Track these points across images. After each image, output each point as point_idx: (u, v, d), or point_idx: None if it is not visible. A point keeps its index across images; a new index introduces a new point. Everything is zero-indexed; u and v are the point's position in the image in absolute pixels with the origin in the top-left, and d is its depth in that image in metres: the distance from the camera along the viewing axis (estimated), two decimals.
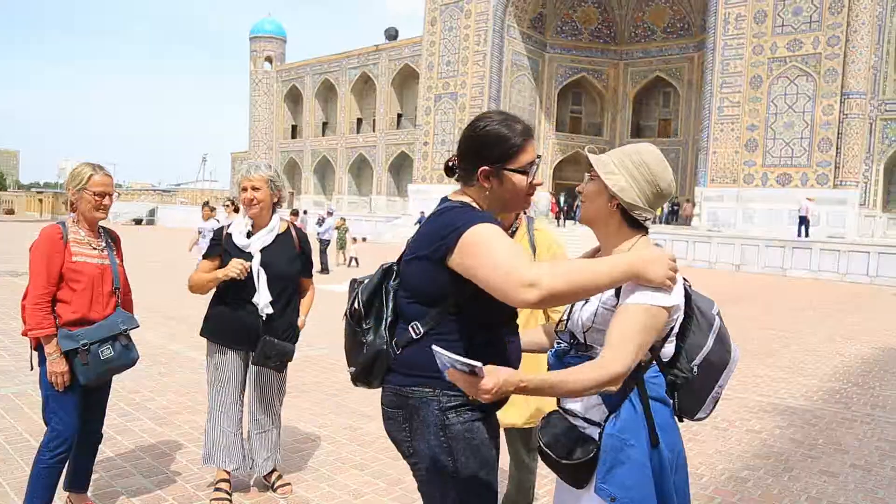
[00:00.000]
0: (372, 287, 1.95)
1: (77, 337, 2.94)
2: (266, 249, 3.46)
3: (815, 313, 13.05)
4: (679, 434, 1.85)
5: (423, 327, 1.82)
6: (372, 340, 1.90)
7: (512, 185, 1.87)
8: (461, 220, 1.76)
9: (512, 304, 1.67)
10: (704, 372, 1.81)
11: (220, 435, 3.51)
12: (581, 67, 38.72)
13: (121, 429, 4.63)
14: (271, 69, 52.51)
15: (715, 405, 1.89)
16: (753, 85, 27.13)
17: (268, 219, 3.52)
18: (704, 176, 28.61)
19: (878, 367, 8.00)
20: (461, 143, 1.92)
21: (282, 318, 3.49)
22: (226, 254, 3.47)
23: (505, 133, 1.84)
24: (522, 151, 1.86)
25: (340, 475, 4.00)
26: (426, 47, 38.01)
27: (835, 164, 25.48)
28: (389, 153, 44.20)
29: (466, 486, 1.81)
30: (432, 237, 1.80)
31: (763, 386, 6.79)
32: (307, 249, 3.67)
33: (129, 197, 62.98)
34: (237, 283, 3.37)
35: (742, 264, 23.23)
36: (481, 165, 1.85)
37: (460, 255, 1.72)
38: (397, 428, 1.88)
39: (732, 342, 1.86)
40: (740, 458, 4.61)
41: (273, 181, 3.48)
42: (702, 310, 1.81)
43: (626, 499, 1.69)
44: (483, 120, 1.89)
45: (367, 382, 1.96)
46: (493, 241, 1.70)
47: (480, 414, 1.86)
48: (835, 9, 25.24)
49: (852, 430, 5.40)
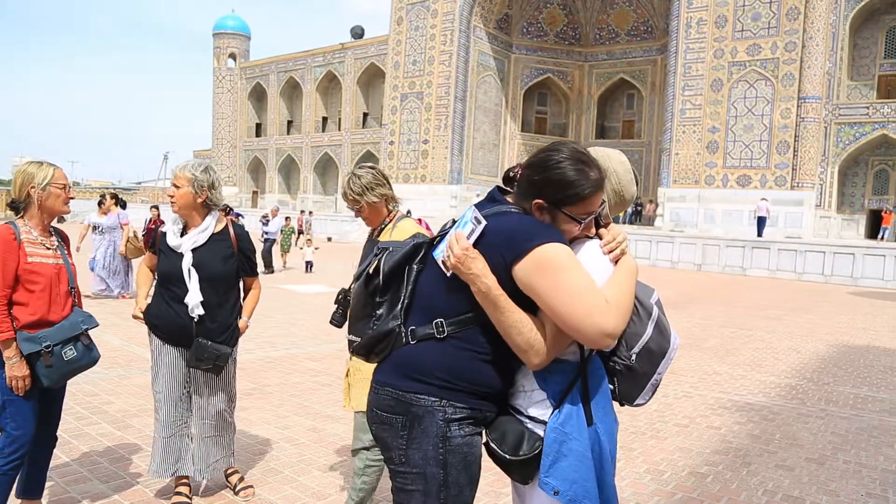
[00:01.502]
0: (399, 259, 1.86)
1: (39, 339, 2.86)
2: (198, 249, 3.42)
3: (774, 312, 13.37)
4: (617, 423, 1.89)
5: (449, 328, 1.75)
6: (385, 317, 1.83)
7: (562, 227, 1.78)
8: (541, 231, 1.70)
9: (580, 340, 1.67)
10: (643, 359, 1.83)
11: (167, 440, 3.46)
12: (546, 68, 39.05)
13: (77, 433, 4.51)
14: (235, 66, 51.81)
15: (654, 392, 1.91)
16: (714, 88, 27.70)
17: (199, 219, 3.47)
18: (667, 177, 29.12)
19: (832, 364, 8.23)
20: (528, 165, 1.82)
21: (216, 319, 3.43)
22: (159, 253, 3.48)
23: (576, 179, 1.74)
24: (587, 202, 1.76)
25: (304, 477, 3.97)
26: (392, 46, 37.93)
27: (792, 166, 26.18)
28: (355, 152, 43.98)
29: (447, 501, 1.77)
30: (503, 235, 1.71)
31: (723, 383, 6.93)
32: (245, 248, 3.60)
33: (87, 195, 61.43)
34: (170, 282, 3.39)
35: (703, 264, 23.69)
36: (539, 198, 1.76)
37: (531, 270, 1.66)
38: (392, 434, 1.79)
39: (672, 330, 1.88)
40: (700, 454, 4.69)
41: (197, 181, 3.39)
42: (640, 299, 1.82)
43: (569, 492, 1.70)
44: (559, 154, 1.76)
45: (365, 356, 1.90)
46: (573, 270, 1.65)
47: (480, 429, 1.83)
48: (791, 15, 25.93)
49: (807, 424, 5.55)
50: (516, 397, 1.84)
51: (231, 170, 52.37)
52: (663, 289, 16.42)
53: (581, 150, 1.80)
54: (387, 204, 3.16)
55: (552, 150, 1.79)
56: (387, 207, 3.16)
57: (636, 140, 37.62)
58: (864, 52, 28.45)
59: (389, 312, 1.83)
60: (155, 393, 3.49)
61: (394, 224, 3.10)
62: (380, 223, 3.15)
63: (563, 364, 1.78)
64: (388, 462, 1.84)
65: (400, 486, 1.81)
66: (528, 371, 1.80)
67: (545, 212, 1.77)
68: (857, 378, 7.47)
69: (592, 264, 1.77)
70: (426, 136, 36.51)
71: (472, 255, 1.70)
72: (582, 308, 1.60)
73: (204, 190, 3.42)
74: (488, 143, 37.00)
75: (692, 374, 7.29)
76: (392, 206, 3.18)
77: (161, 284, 3.46)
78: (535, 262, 1.66)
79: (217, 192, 3.48)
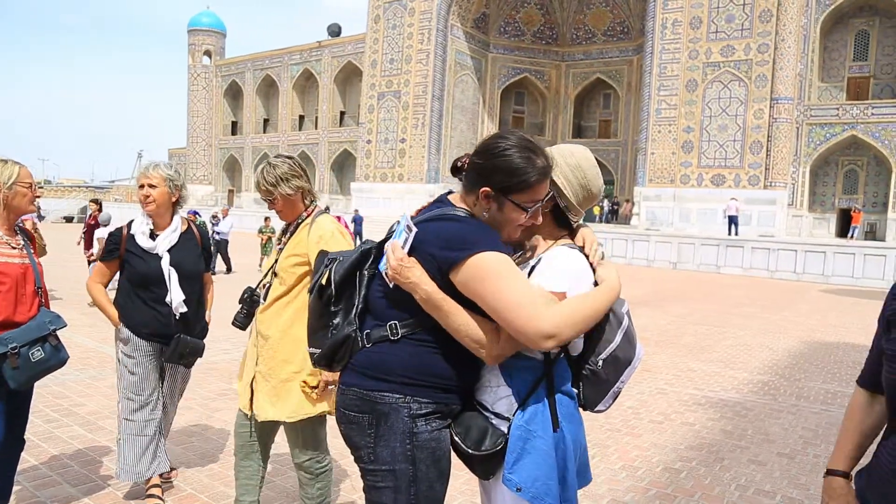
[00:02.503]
0: (349, 267, 1.85)
1: (5, 340, 2.79)
2: (173, 249, 3.45)
3: (747, 309, 13.56)
4: (583, 426, 1.90)
5: (402, 329, 1.76)
6: (340, 324, 1.82)
7: (509, 216, 1.78)
8: (476, 238, 1.70)
9: (523, 342, 1.66)
10: (609, 366, 1.84)
11: (147, 441, 3.40)
12: (524, 68, 39.19)
13: (46, 436, 4.42)
14: (210, 64, 51.23)
15: (615, 399, 1.93)
16: (689, 88, 28.01)
17: (169, 218, 3.50)
18: (643, 176, 29.39)
19: (803, 360, 8.37)
20: (475, 154, 1.81)
21: (195, 315, 3.52)
22: (130, 255, 3.42)
23: (522, 166, 1.72)
24: (533, 190, 1.75)
25: (279, 478, 3.93)
26: (369, 45, 37.79)
27: (765, 165, 26.56)
28: (332, 151, 43.74)
29: (418, 496, 1.77)
30: (438, 243, 1.71)
31: (697, 380, 7.02)
32: (208, 245, 3.72)
33: (59, 193, 60.28)
34: (149, 284, 3.38)
35: (679, 262, 23.96)
36: (486, 186, 1.75)
37: (468, 277, 1.67)
38: (360, 433, 1.79)
39: (638, 341, 1.91)
40: (674, 451, 4.75)
41: (172, 180, 3.43)
42: (613, 308, 1.84)
43: (531, 489, 1.71)
44: (506, 141, 1.75)
45: (328, 366, 1.90)
46: (511, 276, 1.66)
47: (448, 422, 1.83)
48: (764, 17, 26.31)
49: (779, 420, 5.63)
50: (482, 392, 1.85)
51: (206, 168, 51.80)
52: (639, 287, 16.59)
53: (528, 137, 1.79)
54: (303, 198, 2.95)
55: (499, 137, 1.78)
56: (303, 202, 2.95)
57: (613, 139, 37.92)
58: (834, 54, 28.99)
59: (345, 319, 1.83)
60: (133, 396, 3.41)
61: (312, 220, 2.89)
62: (296, 218, 2.95)
63: (528, 361, 1.79)
64: (357, 461, 1.84)
65: (371, 483, 1.81)
66: (495, 366, 1.81)
67: (492, 200, 1.76)
68: (828, 374, 7.61)
69: (573, 272, 1.80)
70: (403, 134, 36.43)
71: (407, 265, 1.70)
72: (521, 312, 1.61)
73: (177, 189, 3.48)
74: (465, 143, 37.00)
75: (667, 370, 7.37)
76: (309, 201, 2.97)
77: (138, 287, 3.41)
78: (471, 271, 1.67)
79: (185, 191, 3.54)
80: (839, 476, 1.71)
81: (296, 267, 2.83)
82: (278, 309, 2.85)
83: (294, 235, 2.92)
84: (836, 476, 1.72)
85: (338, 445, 3.35)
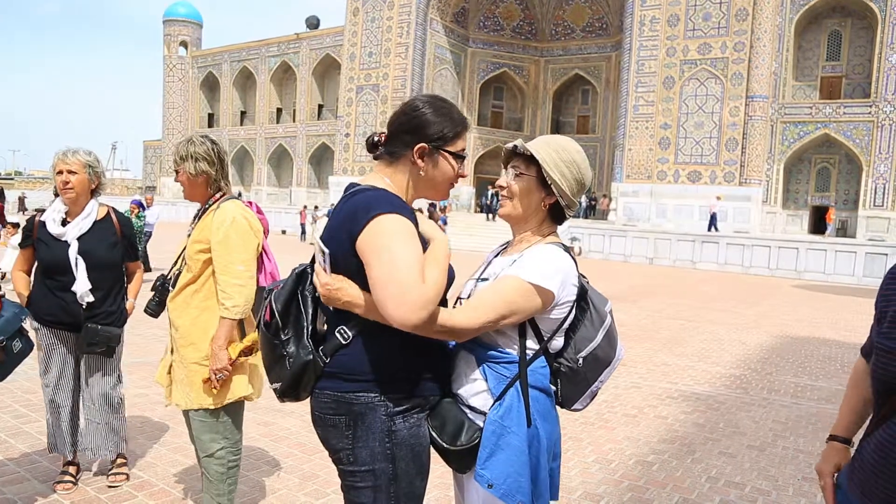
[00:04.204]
0: (287, 294, 1.81)
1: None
2: (83, 237, 3.37)
3: (722, 304, 13.74)
4: (558, 424, 1.89)
5: (352, 331, 1.72)
6: (295, 352, 1.75)
7: (444, 170, 1.82)
8: (380, 204, 1.65)
9: (390, 322, 1.57)
10: (589, 365, 1.85)
11: (56, 422, 3.49)
12: (503, 63, 39.21)
13: (15, 431, 4.35)
14: (186, 55, 50.49)
15: (592, 399, 1.93)
16: (667, 85, 28.23)
17: (83, 205, 3.42)
18: (620, 172, 29.60)
19: (775, 354, 8.51)
20: (394, 122, 1.84)
21: (103, 305, 3.43)
22: (40, 243, 3.37)
23: (446, 115, 1.80)
24: (462, 139, 1.83)
25: (253, 472, 3.91)
26: (348, 38, 37.55)
27: (740, 162, 26.88)
28: (310, 144, 43.43)
29: (398, 493, 1.75)
30: (343, 224, 1.69)
31: (671, 374, 7.10)
32: (129, 234, 3.63)
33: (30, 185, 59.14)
34: (55, 272, 3.32)
35: (655, 257, 24.20)
36: (419, 143, 1.77)
37: (364, 242, 1.63)
38: (338, 435, 1.75)
39: (619, 342, 1.90)
40: (647, 444, 4.80)
41: (92, 167, 3.38)
42: (596, 306, 1.84)
43: (503, 486, 1.70)
44: (421, 101, 1.82)
45: (295, 396, 1.82)
46: (404, 243, 1.59)
47: (426, 414, 1.80)
48: (740, 16, 26.59)
49: (750, 413, 5.72)
50: (459, 382, 1.84)
51: None
52: (616, 282, 16.73)
53: (438, 96, 1.88)
54: (208, 185, 2.90)
55: (412, 100, 1.84)
56: (208, 189, 2.91)
57: (591, 135, 38.09)
58: (808, 53, 29.42)
59: (298, 345, 1.77)
60: (45, 386, 3.47)
61: (218, 205, 2.85)
62: (204, 202, 2.92)
63: (505, 355, 1.78)
64: (336, 463, 1.81)
65: (350, 484, 1.78)
66: (471, 358, 1.81)
67: (426, 157, 1.79)
68: (798, 368, 7.75)
69: (561, 270, 1.76)
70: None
71: (334, 287, 1.68)
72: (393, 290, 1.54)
73: (97, 175, 3.42)
74: None
75: (642, 364, 7.45)
76: (214, 190, 2.92)
77: (45, 274, 3.36)
78: (367, 235, 1.62)
79: (104, 179, 3.49)
80: (839, 441, 1.77)
81: (200, 254, 2.80)
82: (186, 297, 2.83)
83: (200, 220, 2.88)
84: (835, 441, 1.78)
85: (313, 440, 3.34)
